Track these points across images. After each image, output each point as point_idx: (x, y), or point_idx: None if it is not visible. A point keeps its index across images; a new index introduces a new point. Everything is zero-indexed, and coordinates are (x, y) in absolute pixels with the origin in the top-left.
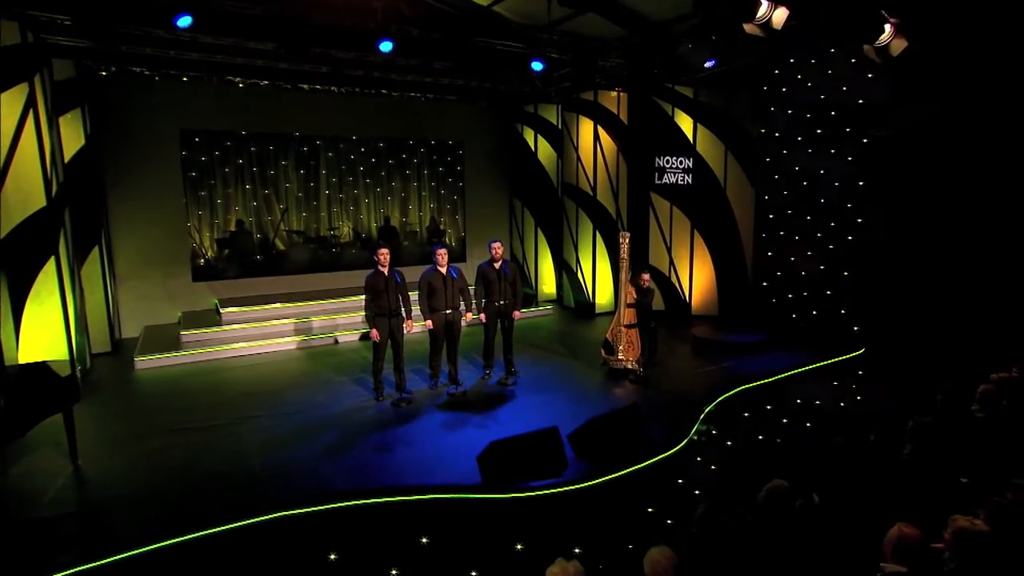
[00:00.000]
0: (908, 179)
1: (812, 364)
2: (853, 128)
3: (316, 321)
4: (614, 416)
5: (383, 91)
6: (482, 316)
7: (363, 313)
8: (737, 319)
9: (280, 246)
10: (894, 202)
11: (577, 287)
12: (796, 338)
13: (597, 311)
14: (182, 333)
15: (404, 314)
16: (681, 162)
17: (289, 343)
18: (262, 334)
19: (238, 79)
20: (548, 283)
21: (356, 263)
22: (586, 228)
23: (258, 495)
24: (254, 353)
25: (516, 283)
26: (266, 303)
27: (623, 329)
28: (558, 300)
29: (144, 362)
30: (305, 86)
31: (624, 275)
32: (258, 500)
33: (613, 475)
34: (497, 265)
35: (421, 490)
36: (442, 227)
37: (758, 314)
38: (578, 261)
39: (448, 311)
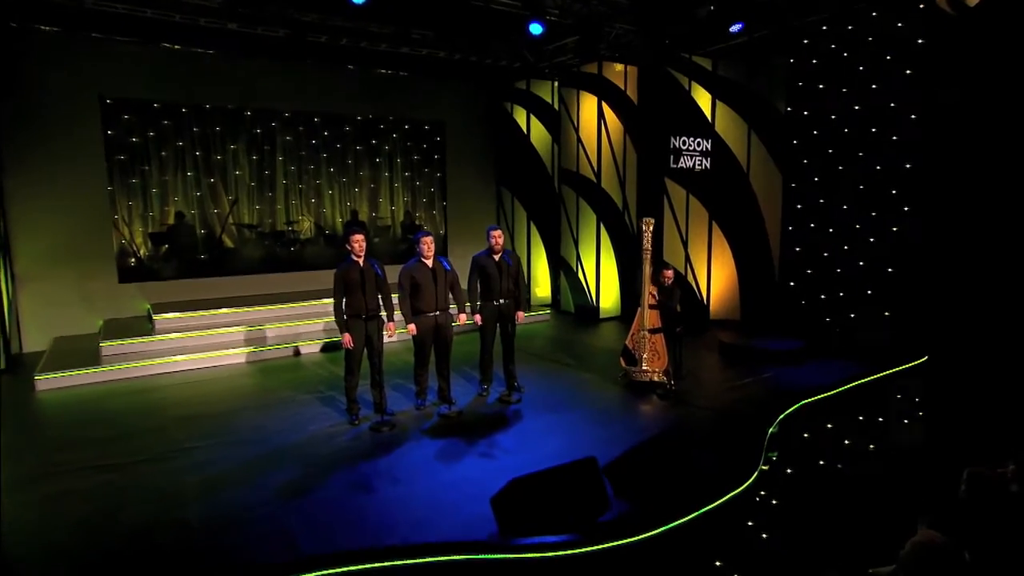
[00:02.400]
0: (965, 161)
1: (871, 375)
2: (899, 103)
3: (272, 329)
4: (660, 443)
5: (351, 65)
6: (477, 318)
7: (328, 319)
8: (763, 324)
9: (228, 243)
10: (951, 186)
11: (578, 289)
12: (834, 345)
13: (602, 316)
14: (103, 345)
15: (384, 315)
16: (699, 143)
17: (238, 356)
18: (205, 345)
19: (176, 45)
20: (543, 285)
21: (319, 262)
22: (588, 220)
23: (194, 559)
24: (195, 368)
25: (520, 278)
26: (211, 308)
27: (646, 335)
28: (554, 304)
29: (49, 381)
30: (259, 55)
31: (647, 269)
32: (194, 568)
33: (679, 521)
34: (497, 257)
35: (418, 551)
36: (418, 222)
37: (786, 318)
38: (579, 259)
39: (436, 312)
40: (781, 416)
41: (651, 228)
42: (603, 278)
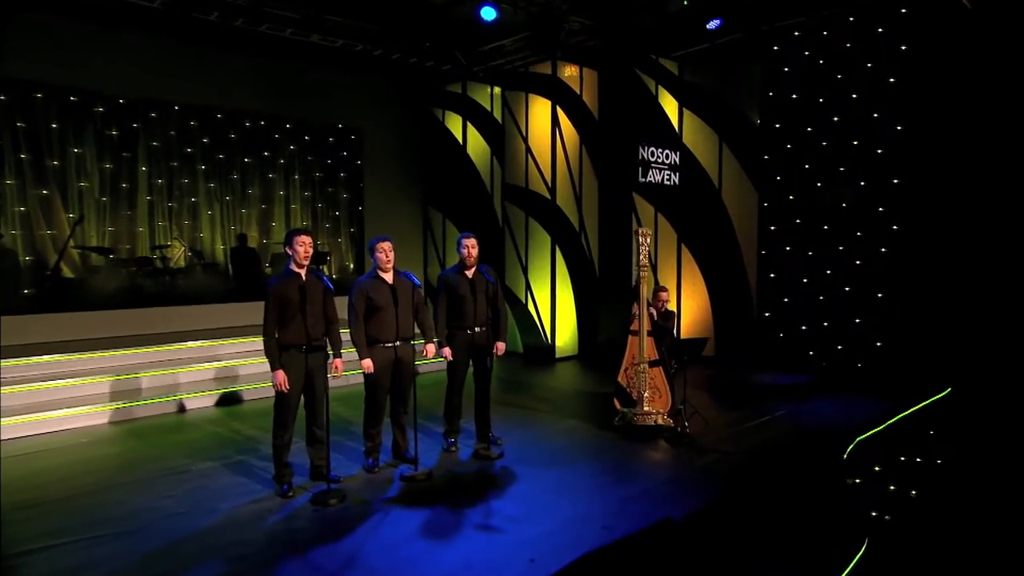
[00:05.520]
0: (963, 171)
1: (904, 409)
2: (883, 112)
3: (145, 379)
4: (726, 501)
5: (244, 54)
6: (447, 352)
7: (222, 363)
8: (741, 358)
9: (67, 272)
10: (945, 201)
11: (528, 326)
12: (825, 378)
13: (558, 355)
14: None
15: (329, 349)
16: (667, 156)
17: (96, 414)
18: (40, 403)
19: None
20: None
21: (200, 293)
22: (541, 243)
23: None
24: (26, 435)
25: (499, 300)
26: (43, 354)
27: (645, 368)
28: None
29: None
30: (121, 29)
31: (644, 288)
32: None
33: None
34: (470, 273)
35: None
36: (323, 249)
37: (765, 351)
38: (529, 289)
39: (396, 343)
40: (844, 455)
41: (648, 240)
42: (560, 312)
